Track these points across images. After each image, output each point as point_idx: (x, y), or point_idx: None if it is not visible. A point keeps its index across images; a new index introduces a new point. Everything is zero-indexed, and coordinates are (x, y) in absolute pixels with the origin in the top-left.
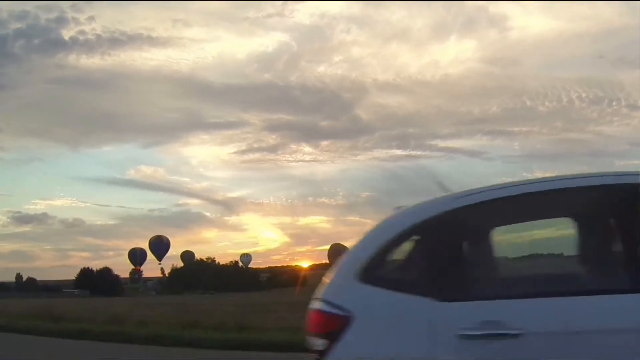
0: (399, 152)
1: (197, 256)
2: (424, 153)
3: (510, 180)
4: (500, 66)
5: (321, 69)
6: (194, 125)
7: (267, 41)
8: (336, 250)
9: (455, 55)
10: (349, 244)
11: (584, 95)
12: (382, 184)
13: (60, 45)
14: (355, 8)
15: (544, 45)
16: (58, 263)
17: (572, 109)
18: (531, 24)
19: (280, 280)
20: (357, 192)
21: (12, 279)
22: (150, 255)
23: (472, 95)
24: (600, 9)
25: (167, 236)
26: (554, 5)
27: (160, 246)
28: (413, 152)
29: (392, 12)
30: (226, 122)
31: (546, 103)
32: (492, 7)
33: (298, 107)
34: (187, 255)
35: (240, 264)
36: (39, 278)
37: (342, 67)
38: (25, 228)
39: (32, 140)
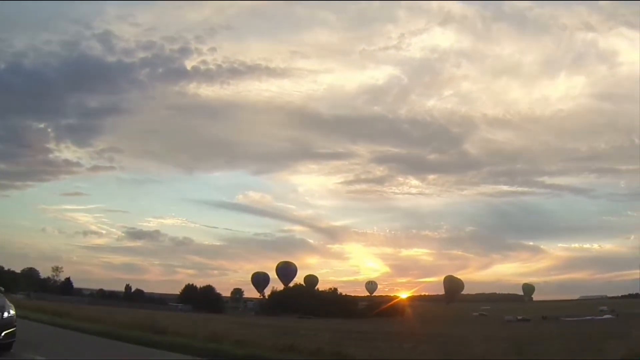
0: (505, 187)
1: (297, 281)
2: (530, 189)
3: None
4: (610, 102)
5: (431, 102)
6: (303, 154)
7: (377, 74)
8: (450, 282)
9: (565, 91)
10: (460, 276)
11: None
12: (487, 219)
13: (182, 74)
14: (466, 42)
15: None
16: (165, 278)
17: None
18: None
19: (378, 310)
20: (461, 226)
21: (122, 289)
22: (273, 277)
23: (580, 132)
24: None
25: (292, 261)
26: None
27: (287, 271)
28: (520, 189)
29: (503, 48)
30: (334, 153)
31: None
32: (602, 42)
33: (406, 140)
34: (310, 279)
35: (366, 291)
36: (146, 290)
37: (451, 102)
38: (138, 243)
39: (149, 162)
